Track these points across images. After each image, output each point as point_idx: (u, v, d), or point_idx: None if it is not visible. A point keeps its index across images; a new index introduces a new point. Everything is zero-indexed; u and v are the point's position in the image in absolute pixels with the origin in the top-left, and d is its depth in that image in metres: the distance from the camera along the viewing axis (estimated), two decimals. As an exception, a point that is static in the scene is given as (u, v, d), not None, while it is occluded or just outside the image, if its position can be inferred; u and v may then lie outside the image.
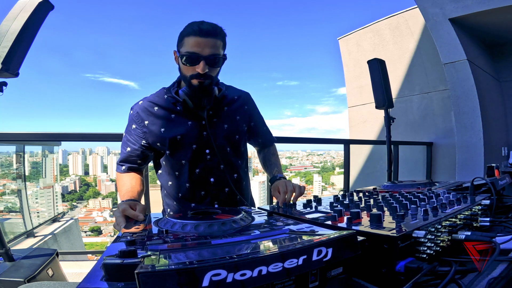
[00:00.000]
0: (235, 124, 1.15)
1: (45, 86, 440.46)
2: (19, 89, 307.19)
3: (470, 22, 3.28)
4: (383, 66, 2.83)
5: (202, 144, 1.08)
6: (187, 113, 1.08)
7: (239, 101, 1.19)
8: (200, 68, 0.97)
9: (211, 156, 1.09)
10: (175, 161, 1.09)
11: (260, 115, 1.28)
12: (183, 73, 1.03)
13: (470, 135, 3.42)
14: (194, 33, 0.96)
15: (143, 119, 1.08)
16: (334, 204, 0.86)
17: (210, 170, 1.10)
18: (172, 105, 1.08)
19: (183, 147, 1.07)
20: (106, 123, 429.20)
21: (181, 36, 1.00)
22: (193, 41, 0.96)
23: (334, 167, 32.89)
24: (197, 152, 1.08)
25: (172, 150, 1.07)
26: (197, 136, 1.07)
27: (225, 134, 1.11)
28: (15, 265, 1.49)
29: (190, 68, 0.99)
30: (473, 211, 0.77)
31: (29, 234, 2.94)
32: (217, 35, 0.98)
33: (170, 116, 1.08)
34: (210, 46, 0.97)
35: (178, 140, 1.06)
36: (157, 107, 1.08)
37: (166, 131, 1.06)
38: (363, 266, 0.53)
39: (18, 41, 1.34)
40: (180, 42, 1.00)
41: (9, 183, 3.83)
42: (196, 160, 1.08)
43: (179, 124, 1.07)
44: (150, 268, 0.33)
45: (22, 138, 2.51)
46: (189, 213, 0.76)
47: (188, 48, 0.97)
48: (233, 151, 1.14)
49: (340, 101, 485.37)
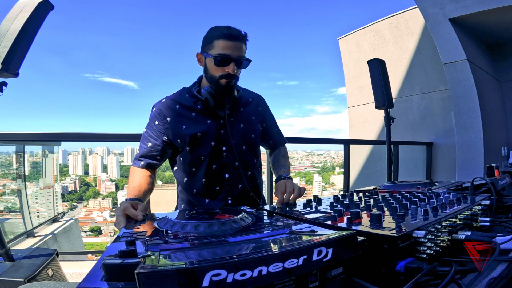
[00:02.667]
0: (250, 124, 1.22)
1: (45, 86, 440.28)
2: (19, 89, 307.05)
3: (470, 22, 3.28)
4: (383, 66, 2.83)
5: (219, 141, 1.14)
6: (207, 111, 1.15)
7: (253, 103, 1.27)
8: (230, 69, 1.06)
9: (227, 153, 1.16)
10: (194, 157, 1.14)
11: (272, 117, 1.35)
12: (211, 73, 1.09)
13: (470, 135, 3.42)
14: (224, 37, 1.04)
15: (166, 116, 1.13)
16: (334, 204, 0.86)
17: (225, 166, 1.16)
18: (193, 104, 1.15)
19: (202, 144, 1.13)
20: (105, 123, 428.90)
21: (210, 39, 1.07)
22: (223, 44, 1.04)
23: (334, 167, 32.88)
24: (215, 149, 1.14)
25: (192, 147, 1.13)
26: (216, 133, 1.14)
27: (241, 133, 1.18)
28: (15, 265, 1.49)
29: (220, 68, 1.07)
30: (473, 211, 0.77)
31: (29, 234, 2.94)
32: (243, 40, 1.08)
33: (191, 114, 1.14)
34: (238, 49, 1.06)
35: (198, 137, 1.12)
36: (178, 105, 1.15)
37: (187, 128, 1.12)
38: (363, 266, 0.53)
39: (18, 41, 1.34)
40: (209, 45, 1.07)
41: (9, 183, 3.83)
42: (214, 157, 1.14)
43: (199, 122, 1.13)
44: (150, 268, 0.33)
45: (22, 138, 2.51)
46: (189, 213, 0.76)
47: (219, 50, 1.04)
48: (248, 149, 1.21)
49: (340, 101, 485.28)
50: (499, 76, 4.14)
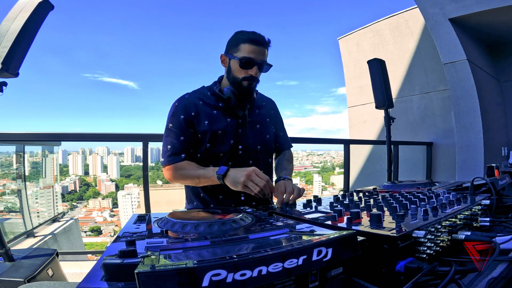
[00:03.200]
0: (265, 125, 1.29)
1: (45, 86, 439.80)
2: (19, 89, 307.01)
3: (470, 22, 3.28)
4: (383, 66, 2.83)
5: (237, 140, 1.19)
6: (227, 110, 1.20)
7: (267, 106, 1.34)
8: (253, 72, 1.12)
9: (242, 152, 1.21)
10: (214, 153, 1.18)
11: (281, 121, 1.41)
12: (234, 74, 1.15)
13: (470, 135, 3.42)
14: (250, 41, 1.10)
15: (190, 111, 1.16)
16: (334, 204, 0.86)
17: (240, 164, 1.19)
18: (215, 102, 1.20)
19: (222, 141, 1.17)
20: (105, 123, 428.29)
21: (235, 43, 1.13)
22: (249, 48, 1.10)
23: (334, 167, 32.89)
24: (233, 147, 1.19)
25: (211, 143, 1.17)
26: (235, 132, 1.19)
27: (257, 133, 1.25)
28: (15, 265, 1.49)
29: (243, 71, 1.13)
30: (473, 211, 0.77)
31: (29, 234, 2.94)
32: (267, 45, 1.14)
33: (213, 112, 1.19)
34: (262, 53, 1.12)
35: (218, 135, 1.17)
36: (201, 101, 1.19)
37: (209, 124, 1.17)
38: (363, 266, 0.53)
39: (18, 41, 1.34)
40: (234, 48, 1.13)
41: (9, 183, 3.83)
42: (231, 154, 1.19)
43: (220, 120, 1.18)
44: (150, 268, 0.33)
45: (22, 138, 2.51)
46: (189, 213, 0.76)
47: (245, 53, 1.11)
48: (262, 149, 1.26)
49: (340, 101, 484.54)
50: (499, 76, 4.14)
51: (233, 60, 1.13)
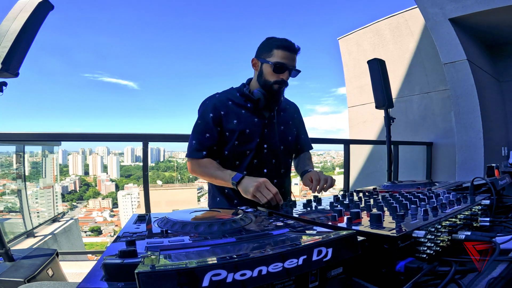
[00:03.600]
0: (288, 127, 1.36)
1: (45, 86, 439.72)
2: (19, 89, 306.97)
3: (470, 22, 3.28)
4: (383, 66, 2.83)
5: (262, 139, 1.26)
6: (255, 111, 1.27)
7: (291, 109, 1.42)
8: (285, 76, 1.20)
9: (267, 151, 1.28)
10: (241, 150, 1.25)
11: (303, 124, 1.48)
12: (266, 77, 1.21)
13: (470, 135, 3.42)
14: (283, 48, 1.18)
15: (219, 110, 1.23)
16: (334, 204, 0.86)
17: (264, 162, 1.28)
18: (243, 102, 1.27)
19: (249, 139, 1.24)
20: (105, 123, 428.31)
21: (269, 48, 1.20)
22: (282, 54, 1.18)
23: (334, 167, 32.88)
24: (259, 145, 1.26)
25: (239, 141, 1.24)
26: (261, 131, 1.26)
27: (281, 134, 1.32)
28: (15, 265, 1.49)
29: (275, 75, 1.19)
30: (473, 211, 0.77)
31: (29, 234, 2.94)
32: (297, 52, 1.21)
33: (241, 111, 1.26)
34: (293, 59, 1.20)
35: (246, 133, 1.24)
36: (231, 101, 1.26)
37: (238, 123, 1.24)
38: (363, 266, 0.53)
39: (18, 41, 1.34)
40: (267, 53, 1.20)
41: (9, 183, 3.83)
42: (257, 152, 1.26)
43: (248, 119, 1.25)
44: (150, 268, 0.33)
45: (22, 138, 2.52)
46: (189, 213, 0.76)
47: (278, 59, 1.18)
48: (284, 149, 1.33)
49: (340, 101, 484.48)
50: (499, 76, 4.14)
51: (265, 64, 1.20)
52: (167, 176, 42.76)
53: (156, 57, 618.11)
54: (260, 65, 1.23)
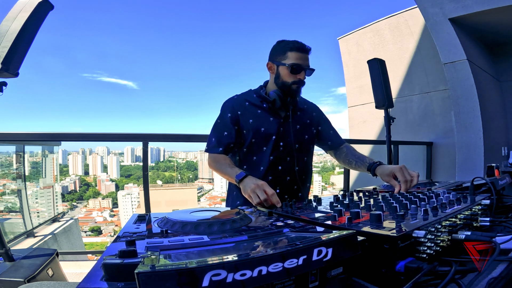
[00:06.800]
0: (304, 126, 1.40)
1: (44, 86, 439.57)
2: (19, 89, 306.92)
3: (470, 22, 3.28)
4: (383, 66, 2.83)
5: (278, 137, 1.32)
6: (271, 111, 1.33)
7: (309, 109, 1.45)
8: (302, 76, 1.25)
9: (283, 148, 1.33)
10: (258, 147, 1.32)
11: (327, 121, 1.51)
12: (283, 79, 1.27)
13: (470, 135, 3.42)
14: (296, 49, 1.23)
15: (237, 110, 1.31)
16: (334, 204, 0.86)
17: (280, 159, 1.33)
18: (259, 103, 1.34)
19: (265, 137, 1.31)
20: (105, 123, 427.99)
21: (282, 51, 1.26)
22: (296, 55, 1.23)
23: (334, 167, 32.88)
24: (275, 142, 1.31)
25: (256, 139, 1.31)
26: (277, 130, 1.32)
27: (296, 132, 1.36)
28: (15, 265, 1.49)
29: (292, 75, 1.25)
30: (473, 211, 0.77)
31: (29, 234, 2.94)
32: (309, 52, 1.27)
33: (257, 111, 1.33)
34: (307, 59, 1.26)
35: (262, 131, 1.30)
36: (247, 102, 1.34)
37: (254, 122, 1.31)
38: (363, 266, 0.53)
39: (18, 41, 1.34)
40: (282, 56, 1.26)
41: (9, 183, 3.83)
42: (273, 149, 1.32)
43: (263, 119, 1.32)
44: (150, 268, 0.33)
45: (22, 138, 2.52)
46: (189, 213, 0.76)
47: (293, 60, 1.23)
48: (300, 147, 1.37)
49: (339, 101, 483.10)
50: (499, 76, 4.14)
51: (281, 66, 1.26)
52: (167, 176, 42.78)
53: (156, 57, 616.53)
54: (276, 68, 1.28)
